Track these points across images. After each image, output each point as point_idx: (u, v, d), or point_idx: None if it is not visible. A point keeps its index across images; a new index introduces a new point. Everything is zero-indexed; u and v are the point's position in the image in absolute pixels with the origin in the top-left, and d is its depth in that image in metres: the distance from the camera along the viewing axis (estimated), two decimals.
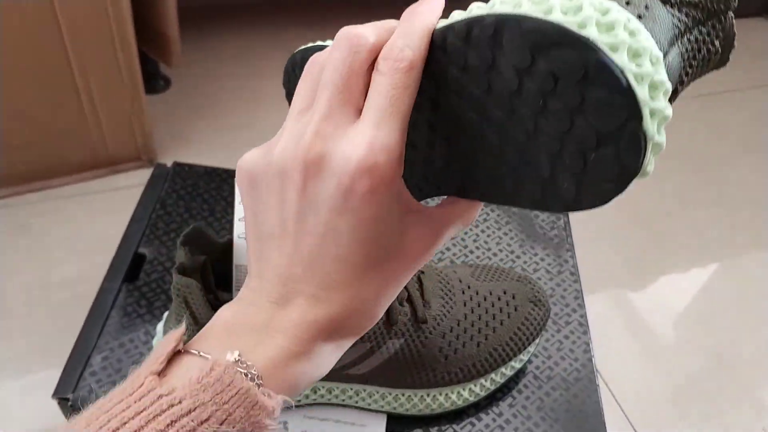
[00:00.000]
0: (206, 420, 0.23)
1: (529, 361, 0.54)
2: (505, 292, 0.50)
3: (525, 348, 0.49)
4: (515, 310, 0.49)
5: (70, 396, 0.50)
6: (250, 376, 0.25)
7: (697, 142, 1.57)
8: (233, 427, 0.23)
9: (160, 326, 0.50)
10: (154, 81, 1.45)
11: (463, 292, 0.49)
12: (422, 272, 0.48)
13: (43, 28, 0.95)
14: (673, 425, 1.03)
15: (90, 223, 1.16)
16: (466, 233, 0.66)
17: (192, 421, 0.23)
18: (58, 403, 0.51)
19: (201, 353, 0.25)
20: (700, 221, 1.38)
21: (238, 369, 0.24)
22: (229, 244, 0.47)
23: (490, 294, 0.50)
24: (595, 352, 0.56)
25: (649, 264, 1.28)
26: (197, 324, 0.41)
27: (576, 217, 1.29)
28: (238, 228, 0.47)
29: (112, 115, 1.11)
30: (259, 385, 0.25)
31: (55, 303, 1.05)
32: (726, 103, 1.72)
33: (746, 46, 1.94)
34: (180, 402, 0.23)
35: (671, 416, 1.04)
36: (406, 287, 0.45)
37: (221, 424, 0.23)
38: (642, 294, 1.22)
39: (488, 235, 0.66)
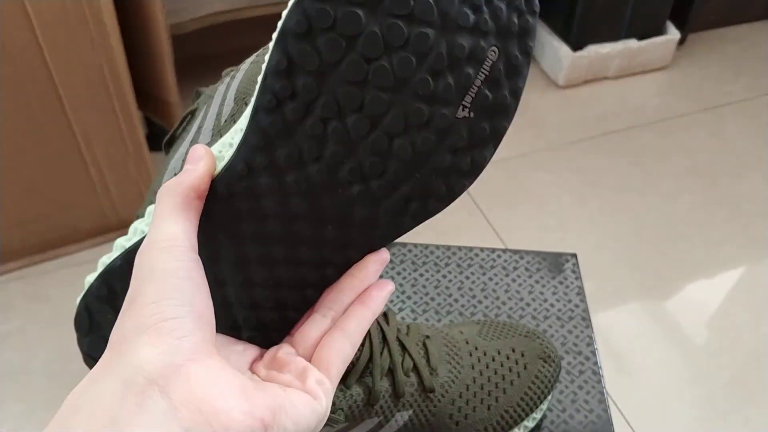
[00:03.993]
0: None
1: (544, 416, 0.53)
2: (513, 350, 0.50)
3: (537, 406, 0.49)
4: (525, 368, 0.49)
5: None
6: None
7: (706, 158, 1.54)
8: None
9: None
10: (163, 139, 1.47)
11: (471, 354, 0.48)
12: (427, 336, 0.48)
13: (45, 105, 0.97)
14: None
15: None
16: (473, 282, 0.65)
17: None
18: None
19: None
20: (715, 240, 1.35)
21: None
22: None
23: (498, 353, 0.49)
24: (606, 381, 0.55)
25: (664, 290, 1.26)
26: None
27: (587, 245, 1.28)
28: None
29: (120, 183, 1.13)
30: None
31: (77, 373, 1.05)
32: (734, 113, 1.67)
33: (752, 52, 1.86)
34: None
35: None
36: (411, 355, 0.45)
37: None
38: (660, 320, 1.20)
39: (496, 283, 0.65)
